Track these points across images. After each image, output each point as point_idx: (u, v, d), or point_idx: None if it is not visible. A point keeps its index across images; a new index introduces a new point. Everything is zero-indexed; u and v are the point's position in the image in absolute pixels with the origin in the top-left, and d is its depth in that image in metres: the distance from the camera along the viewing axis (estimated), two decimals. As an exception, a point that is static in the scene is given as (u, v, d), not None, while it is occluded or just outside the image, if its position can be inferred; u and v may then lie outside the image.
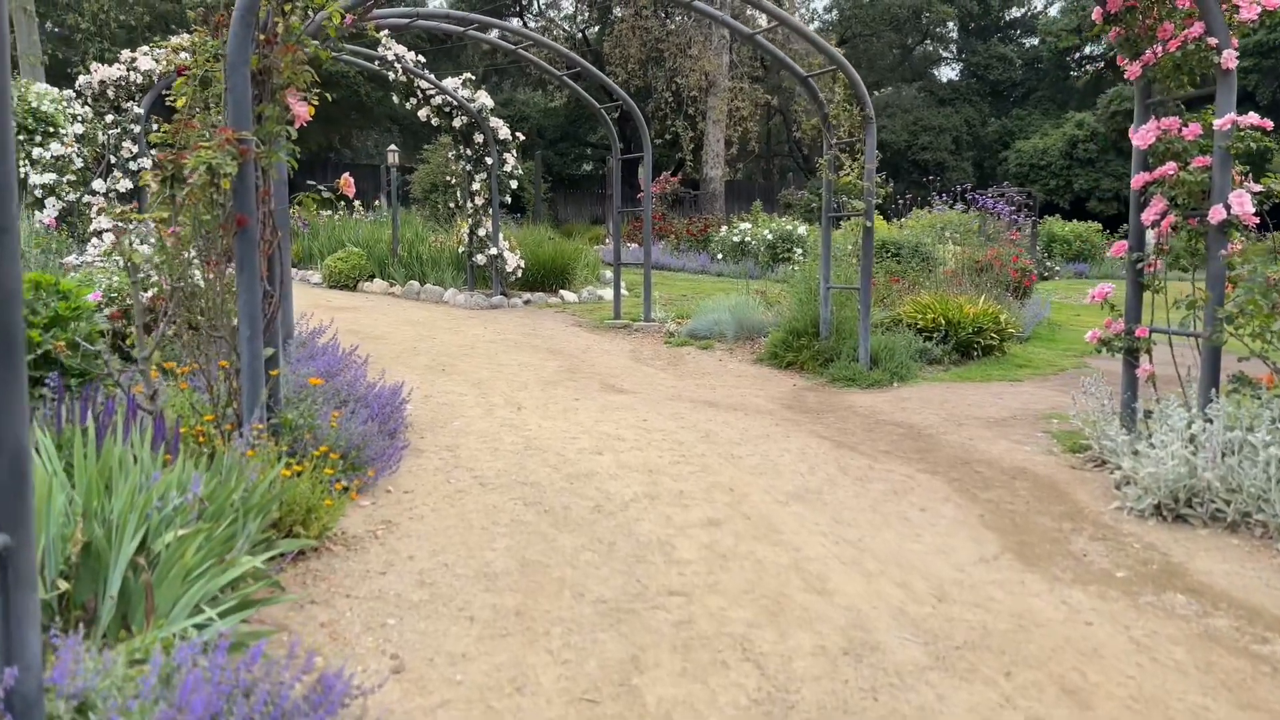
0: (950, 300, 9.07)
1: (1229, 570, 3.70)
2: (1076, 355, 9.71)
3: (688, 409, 6.82)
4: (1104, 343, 5.39)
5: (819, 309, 8.55)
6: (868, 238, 8.01)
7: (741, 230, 18.93)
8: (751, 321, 9.81)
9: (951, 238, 16.14)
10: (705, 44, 29.71)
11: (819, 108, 8.49)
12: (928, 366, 8.54)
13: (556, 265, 13.99)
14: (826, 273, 8.46)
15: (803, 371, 8.35)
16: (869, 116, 7.95)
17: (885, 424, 6.39)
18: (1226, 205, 4.61)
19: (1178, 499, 4.26)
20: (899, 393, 7.52)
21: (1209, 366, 4.78)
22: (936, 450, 5.68)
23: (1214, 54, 4.63)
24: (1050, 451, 5.67)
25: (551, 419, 6.42)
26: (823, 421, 6.47)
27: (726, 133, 30.18)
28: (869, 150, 7.95)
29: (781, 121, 41.07)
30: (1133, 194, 5.29)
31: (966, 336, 8.76)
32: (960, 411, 6.78)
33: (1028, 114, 38.38)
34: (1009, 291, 11.03)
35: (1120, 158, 31.81)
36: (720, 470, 5.20)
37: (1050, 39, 37.40)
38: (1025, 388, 7.78)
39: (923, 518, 4.42)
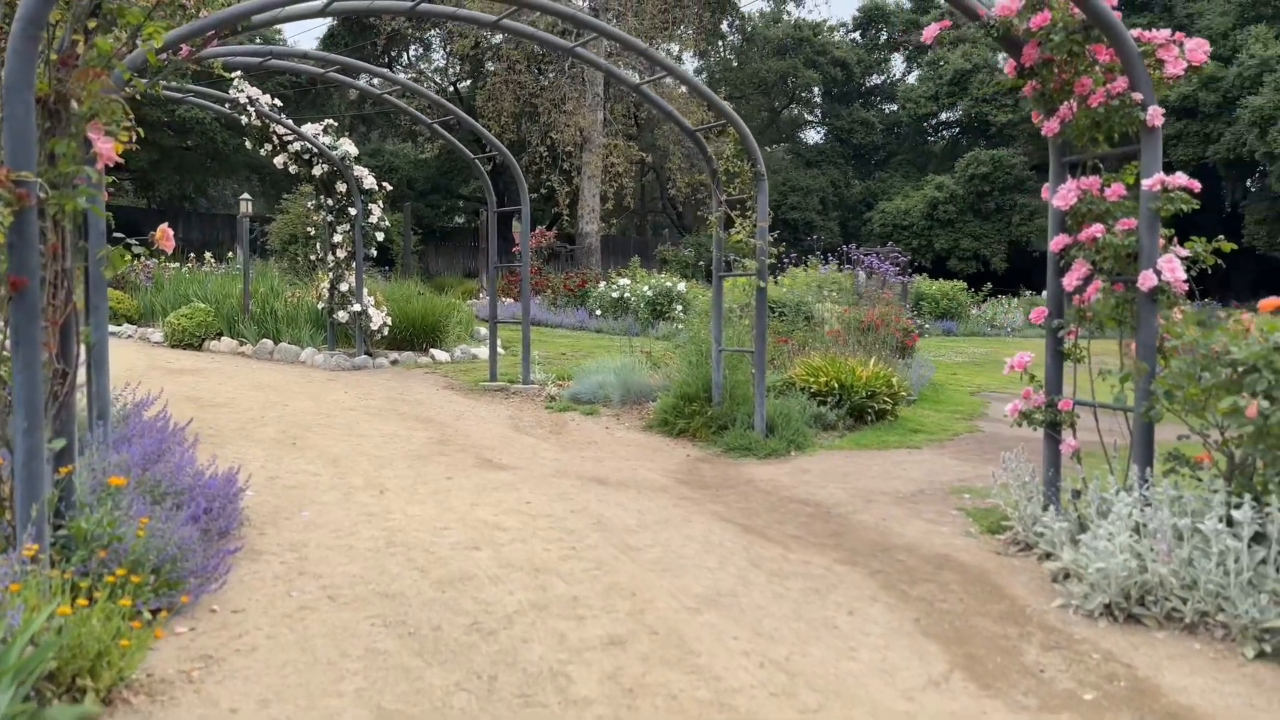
0: (842, 363, 8.72)
1: (1204, 686, 3.25)
2: (965, 418, 9.52)
3: (575, 488, 6.12)
4: (1025, 416, 5.02)
5: (710, 372, 8.04)
6: (761, 298, 7.57)
7: (620, 286, 18.48)
8: (638, 384, 9.23)
9: (829, 296, 16.10)
10: (580, 100, 29.54)
11: (708, 163, 8.07)
12: (823, 433, 8.12)
13: (427, 322, 13.12)
14: (718, 334, 7.98)
15: (695, 440, 7.79)
16: (760, 173, 7.57)
17: (791, 502, 5.86)
18: (1157, 270, 4.31)
19: (1129, 596, 3.83)
20: (799, 463, 7.03)
21: (1142, 444, 4.44)
22: (851, 533, 5.16)
23: (1139, 110, 4.36)
24: (969, 533, 5.24)
25: (420, 504, 5.61)
26: (724, 500, 5.88)
27: (602, 188, 29.96)
28: (760, 208, 7.55)
29: (655, 179, 41.32)
30: (1050, 257, 4.97)
31: (860, 400, 8.41)
32: (866, 485, 6.32)
33: (889, 176, 39.79)
34: (894, 351, 10.84)
35: (978, 219, 33.20)
36: (618, 567, 4.52)
37: (910, 105, 38.99)
38: (924, 456, 7.43)
39: (853, 624, 3.85)
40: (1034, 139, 34.20)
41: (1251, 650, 3.46)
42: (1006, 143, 34.96)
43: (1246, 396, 3.75)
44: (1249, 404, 3.71)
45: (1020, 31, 4.72)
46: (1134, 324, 4.54)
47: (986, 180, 32.74)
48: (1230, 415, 3.82)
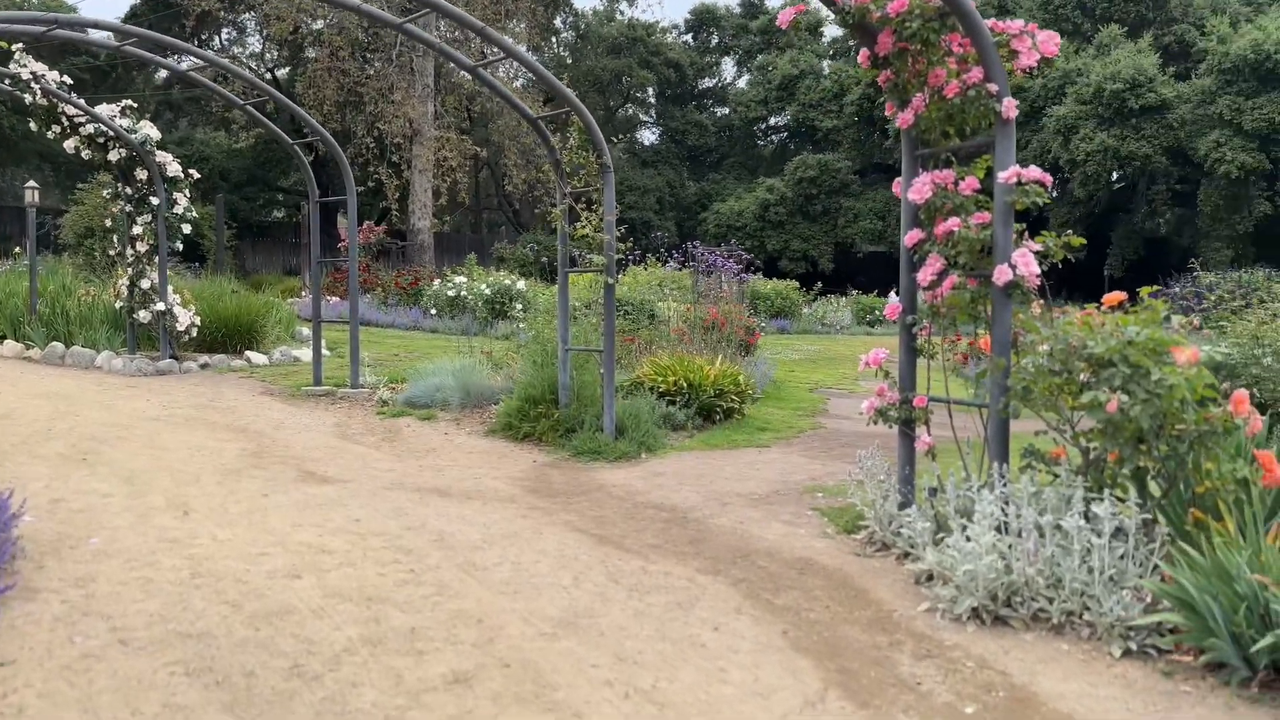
0: (690, 361, 8.55)
1: (1079, 692, 3.16)
2: (808, 414, 9.56)
3: (413, 501, 5.62)
4: (880, 413, 4.92)
5: (556, 373, 7.68)
6: (609, 295, 7.27)
7: (456, 284, 17.82)
8: (479, 387, 8.75)
9: (671, 294, 16.04)
10: (409, 90, 28.48)
11: (550, 153, 7.70)
12: (673, 433, 7.91)
13: (242, 322, 12.13)
14: (565, 333, 7.62)
15: (542, 444, 7.40)
16: (606, 165, 7.26)
17: (646, 508, 5.58)
18: (1011, 265, 4.27)
19: (995, 598, 3.74)
20: (651, 466, 6.77)
21: (998, 440, 4.40)
22: (710, 539, 4.93)
23: (994, 102, 4.31)
24: (826, 534, 5.10)
25: (231, 526, 4.98)
26: (576, 508, 5.54)
27: (434, 183, 29.01)
28: (607, 201, 7.25)
29: (491, 175, 40.52)
30: (904, 252, 4.89)
31: (709, 400, 8.25)
32: (721, 488, 6.13)
33: (723, 178, 40.56)
34: (738, 350, 10.81)
35: (806, 221, 34.27)
36: (463, 590, 4.09)
37: (740, 108, 39.86)
38: (774, 454, 7.33)
39: (721, 641, 3.58)
40: (857, 145, 35.69)
41: (1118, 649, 3.41)
42: (832, 148, 36.27)
43: (1106, 391, 3.73)
44: (1109, 399, 3.68)
45: (875, 18, 4.60)
46: (988, 319, 4.51)
47: (814, 184, 33.83)
48: (1090, 410, 3.79)
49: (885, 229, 33.30)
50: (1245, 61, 21.76)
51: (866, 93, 34.62)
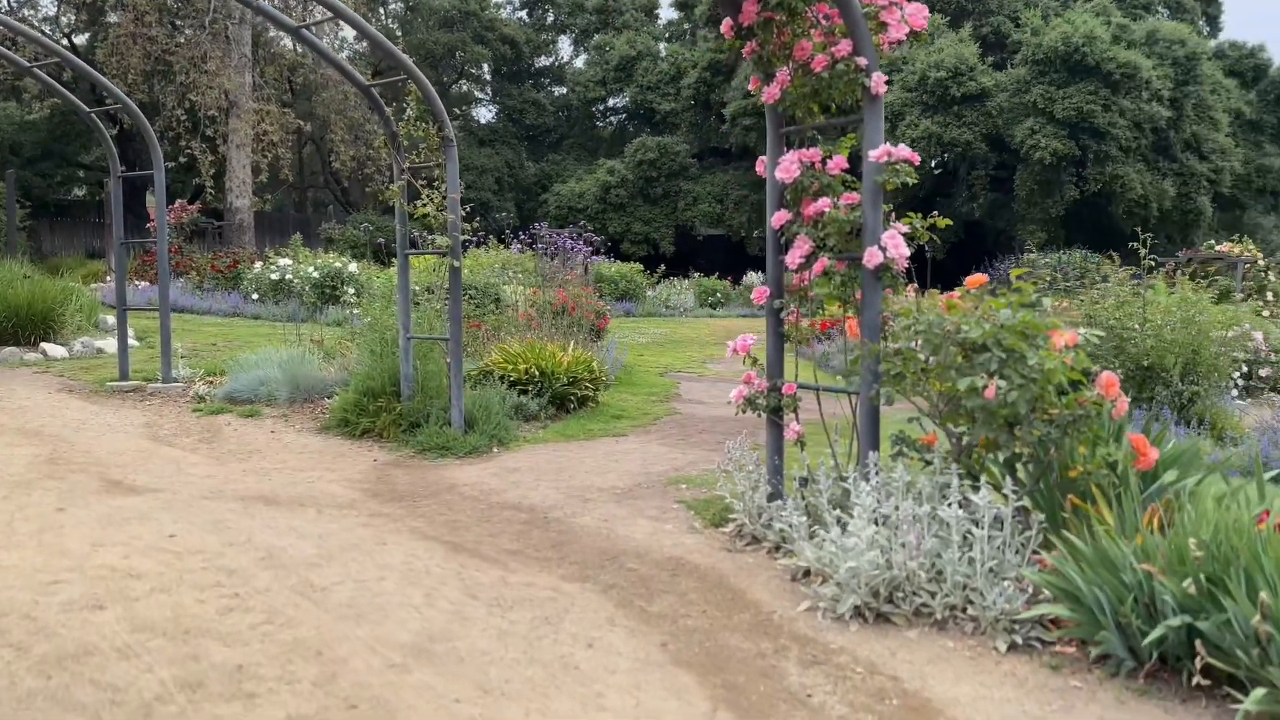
0: (542, 348, 8.17)
1: (973, 695, 3.03)
2: (661, 400, 9.38)
3: (236, 512, 5.02)
4: (749, 402, 4.72)
5: (397, 363, 7.13)
6: (455, 279, 6.79)
7: (281, 267, 16.68)
8: (310, 379, 8.08)
9: (515, 278, 15.56)
10: (224, 60, 26.57)
11: (385, 125, 7.12)
12: (525, 424, 7.53)
13: (36, 310, 10.84)
14: (406, 320, 7.09)
15: (384, 441, 6.86)
16: (448, 138, 6.77)
17: (502, 509, 5.19)
18: (881, 247, 4.13)
19: (878, 594, 3.59)
20: (504, 461, 6.38)
21: (869, 427, 4.27)
22: (574, 542, 4.60)
23: (863, 76, 4.15)
24: (694, 529, 4.87)
25: (19, 548, 4.28)
26: (425, 513, 5.09)
27: (254, 158, 27.23)
28: (450, 177, 6.76)
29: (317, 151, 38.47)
30: (770, 234, 4.70)
31: (562, 388, 7.91)
32: (580, 482, 5.81)
33: (563, 159, 40.03)
34: (588, 334, 10.51)
35: (647, 204, 34.30)
36: (298, 616, 3.61)
37: (579, 89, 39.41)
38: (632, 444, 7.08)
39: (596, 661, 3.27)
40: (695, 128, 35.96)
41: (1004, 643, 3.32)
42: (671, 130, 36.39)
43: (984, 377, 3.63)
44: (987, 384, 3.59)
45: (741, -13, 4.36)
46: (858, 303, 4.38)
47: (654, 166, 33.85)
48: (967, 396, 3.69)
49: (724, 213, 33.72)
50: (1056, 53, 23.20)
51: (703, 76, 34.90)
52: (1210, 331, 7.28)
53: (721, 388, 10.69)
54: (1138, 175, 24.06)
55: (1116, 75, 23.17)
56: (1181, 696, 2.94)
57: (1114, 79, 23.28)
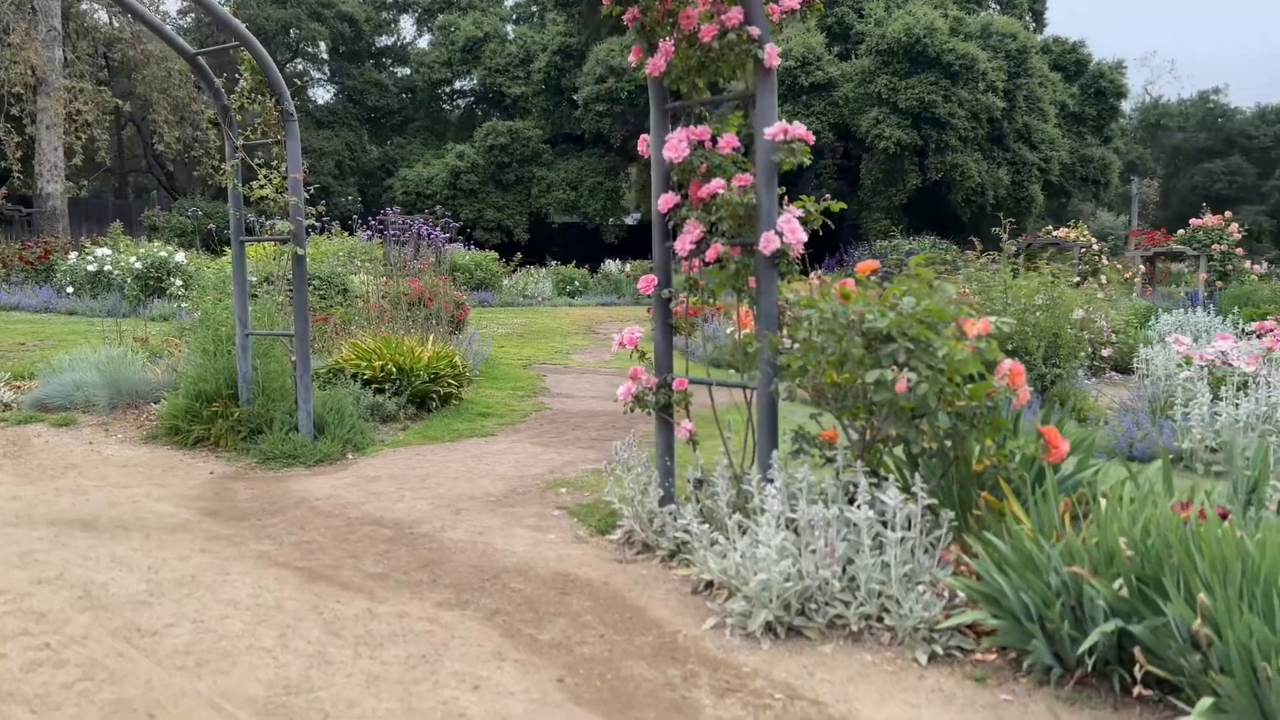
0: (399, 343, 7.58)
1: (904, 717, 2.78)
2: (528, 395, 8.94)
3: (47, 540, 4.30)
4: (638, 400, 4.37)
5: (235, 362, 6.42)
6: (299, 267, 6.15)
7: (99, 257, 15.20)
8: (134, 382, 7.21)
9: (363, 266, 14.70)
10: (30, 33, 24.19)
11: (215, 98, 6.38)
12: (383, 426, 6.95)
13: None
14: (244, 314, 6.38)
15: (221, 450, 6.16)
16: (288, 111, 6.11)
17: (363, 524, 4.66)
18: (778, 231, 3.86)
19: (789, 607, 3.32)
20: (361, 469, 5.81)
21: (767, 424, 4.00)
22: (448, 561, 4.14)
23: (755, 48, 3.85)
24: (579, 538, 4.50)
25: None
26: (273, 534, 4.50)
27: (66, 140, 24.93)
28: (292, 155, 6.10)
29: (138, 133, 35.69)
30: (656, 218, 4.36)
31: (423, 385, 7.35)
32: (449, 490, 5.33)
33: (408, 142, 38.60)
34: (448, 327, 9.93)
35: (499, 190, 33.48)
36: (125, 670, 3.03)
37: (423, 69, 38.08)
38: (503, 444, 6.63)
39: (486, 706, 2.86)
40: (546, 113, 35.35)
41: (924, 655, 3.11)
42: (522, 115, 35.64)
43: (895, 369, 3.41)
44: (898, 377, 3.36)
45: (621, -54, 3.98)
46: (752, 292, 4.10)
47: (505, 151, 33.05)
48: (875, 389, 3.46)
49: (578, 199, 33.27)
50: (899, 44, 23.86)
51: (554, 60, 34.29)
52: (1069, 314, 7.44)
53: (590, 380, 10.33)
54: (975, 164, 25.12)
55: (956, 66, 24.06)
56: (1115, 705, 2.79)
57: (953, 70, 24.16)
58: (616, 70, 29.92)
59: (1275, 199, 45.36)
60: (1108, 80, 31.60)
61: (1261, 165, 47.94)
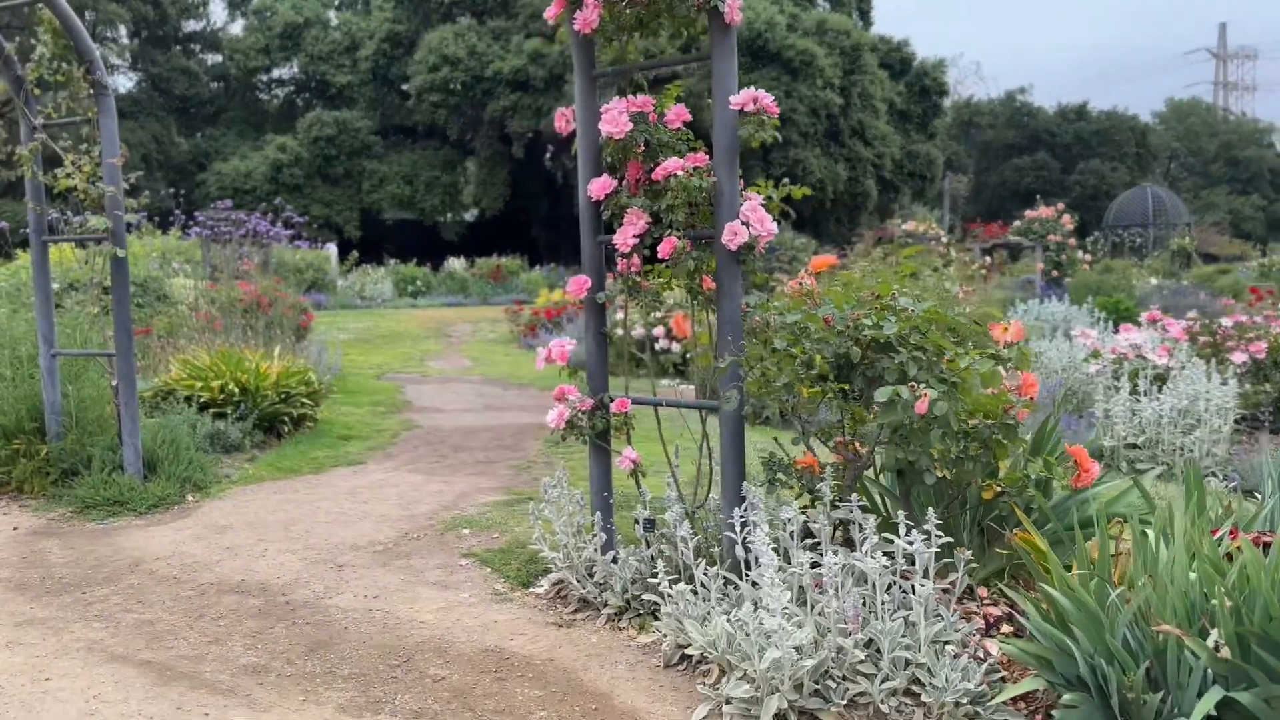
0: (239, 358, 6.50)
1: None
2: (390, 410, 8.01)
3: None
4: (571, 426, 3.64)
5: (40, 389, 5.23)
6: (119, 271, 5.04)
7: None
8: (-100, 417, 5.83)
9: (182, 270, 13.16)
10: None
11: (6, 65, 5.17)
12: (226, 457, 5.89)
13: None
14: (48, 330, 5.20)
15: (25, 497, 4.99)
16: (101, 83, 5.00)
17: (220, 593, 3.71)
18: (744, 221, 3.24)
19: (801, 687, 2.69)
20: (208, 515, 4.79)
21: (733, 450, 3.37)
22: (341, 640, 3.28)
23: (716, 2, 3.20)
24: (499, 593, 3.73)
25: None
26: (103, 611, 3.49)
27: None
28: (107, 136, 4.99)
29: (-101, 120, 31.46)
30: (586, 207, 3.65)
31: (272, 408, 6.32)
32: (324, 538, 4.42)
33: (223, 134, 35.88)
34: (291, 336, 8.81)
35: (327, 184, 31.55)
36: None
37: (238, 56, 35.47)
38: (376, 473, 5.73)
39: None
40: (375, 103, 33.62)
41: (975, 735, 2.55)
42: (348, 105, 33.75)
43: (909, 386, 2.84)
44: (918, 396, 2.80)
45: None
46: (707, 294, 3.46)
47: (332, 143, 31.17)
48: (884, 410, 2.88)
49: (414, 195, 31.77)
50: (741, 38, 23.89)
51: (382, 48, 32.63)
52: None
53: (455, 390, 9.45)
54: (816, 159, 25.52)
55: (796, 62, 24.36)
56: (1220, 787, 2.32)
57: (794, 66, 24.44)
58: (451, 59, 28.71)
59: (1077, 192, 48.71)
60: (931, 79, 32.95)
61: (1064, 160, 51.46)
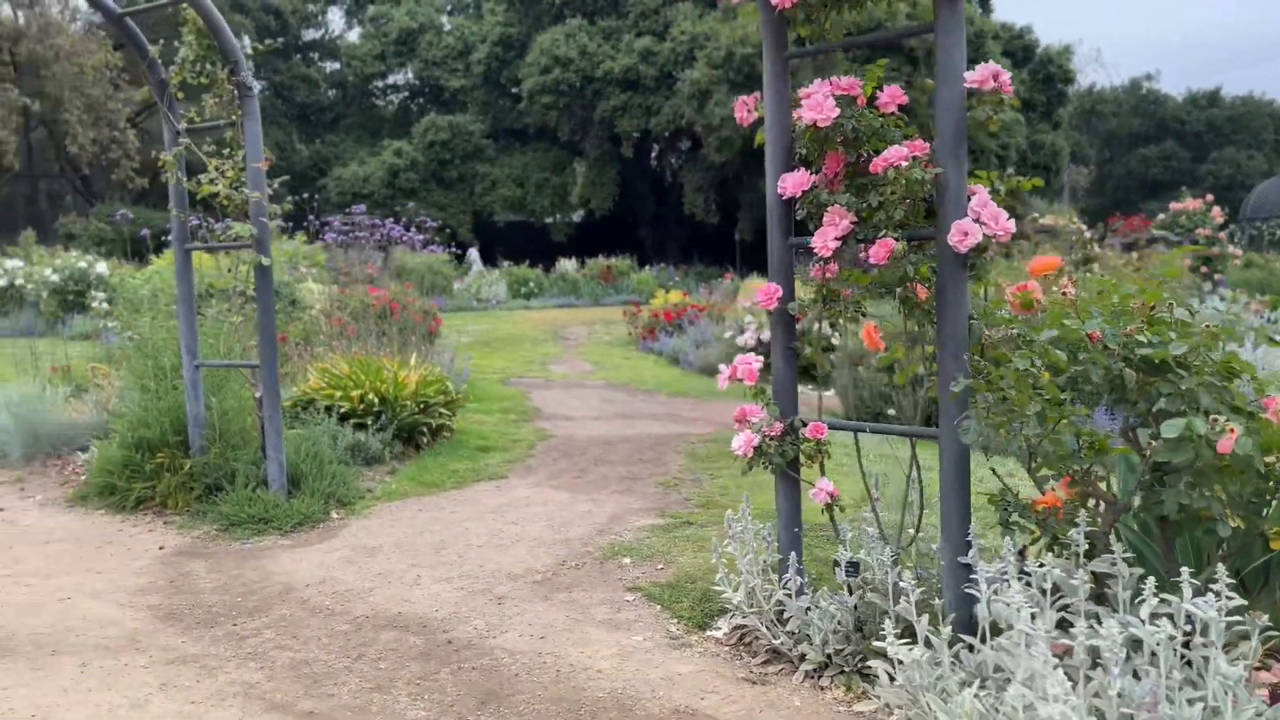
0: (378, 366, 6.32)
1: None
2: (521, 418, 7.76)
3: (-74, 690, 3.00)
4: (761, 454, 3.23)
5: (183, 401, 5.12)
6: (264, 280, 4.88)
7: (10, 269, 13.52)
8: (55, 425, 5.86)
9: (310, 274, 13.30)
10: (-77, 25, 22.11)
11: (151, 70, 5.08)
12: (366, 470, 5.70)
13: None
14: (192, 341, 5.08)
15: (169, 512, 4.86)
16: (245, 85, 4.85)
17: (377, 627, 3.44)
18: (975, 217, 2.77)
19: (1081, 778, 2.22)
20: (354, 534, 4.57)
21: (954, 484, 2.90)
22: (513, 691, 2.95)
23: (945, -35, 2.75)
24: (675, 637, 3.35)
25: None
26: (257, 649, 3.25)
27: (-32, 142, 22.88)
28: (251, 139, 4.83)
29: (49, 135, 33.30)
30: (775, 206, 3.23)
31: (410, 418, 6.11)
32: (478, 564, 4.12)
33: (341, 140, 36.77)
34: (422, 341, 8.67)
35: (441, 188, 31.94)
36: None
37: (355, 63, 36.31)
38: (520, 489, 5.44)
39: None
40: (487, 107, 33.88)
41: None
42: (461, 109, 34.14)
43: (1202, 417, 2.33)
44: (1221, 431, 2.29)
45: None
46: (923, 303, 3.00)
47: (447, 147, 31.54)
48: (1174, 448, 2.38)
49: (525, 197, 31.91)
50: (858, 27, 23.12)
51: (494, 52, 32.86)
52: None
53: (580, 396, 9.16)
54: (939, 152, 24.54)
55: (919, 51, 23.44)
56: None
57: (914, 55, 23.53)
58: (562, 60, 28.68)
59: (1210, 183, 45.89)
60: (1055, 65, 31.34)
61: (1195, 149, 48.60)
